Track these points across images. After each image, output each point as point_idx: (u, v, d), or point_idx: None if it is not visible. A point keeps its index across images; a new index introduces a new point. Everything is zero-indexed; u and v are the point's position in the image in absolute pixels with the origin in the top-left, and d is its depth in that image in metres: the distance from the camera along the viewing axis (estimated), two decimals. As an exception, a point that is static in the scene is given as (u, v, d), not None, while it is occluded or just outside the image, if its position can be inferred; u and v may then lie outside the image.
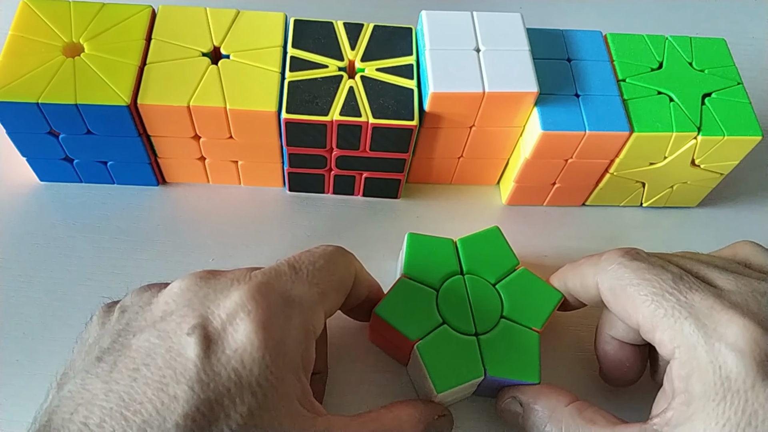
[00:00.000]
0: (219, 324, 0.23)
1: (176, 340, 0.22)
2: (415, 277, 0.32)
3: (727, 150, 0.37)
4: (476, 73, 0.34)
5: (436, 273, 0.32)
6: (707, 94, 0.37)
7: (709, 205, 0.43)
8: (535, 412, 0.29)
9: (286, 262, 0.27)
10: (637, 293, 0.27)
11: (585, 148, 0.36)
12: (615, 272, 0.28)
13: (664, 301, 0.26)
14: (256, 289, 0.24)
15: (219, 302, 0.24)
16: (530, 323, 0.31)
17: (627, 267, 0.28)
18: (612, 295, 0.28)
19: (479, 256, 0.33)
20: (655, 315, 0.26)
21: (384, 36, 0.37)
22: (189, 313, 0.23)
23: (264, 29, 0.36)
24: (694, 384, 0.25)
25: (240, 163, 0.38)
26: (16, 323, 0.35)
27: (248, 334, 0.22)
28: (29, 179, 0.39)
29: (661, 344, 0.27)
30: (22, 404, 0.32)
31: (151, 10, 0.37)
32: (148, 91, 0.34)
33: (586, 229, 0.41)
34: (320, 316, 0.26)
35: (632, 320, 0.28)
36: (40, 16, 0.36)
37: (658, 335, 0.26)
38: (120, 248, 0.37)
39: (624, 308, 0.28)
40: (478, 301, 0.32)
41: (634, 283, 0.27)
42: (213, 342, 0.22)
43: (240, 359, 0.22)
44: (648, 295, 0.27)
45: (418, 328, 0.30)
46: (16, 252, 0.37)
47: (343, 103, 0.34)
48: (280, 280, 0.25)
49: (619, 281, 0.28)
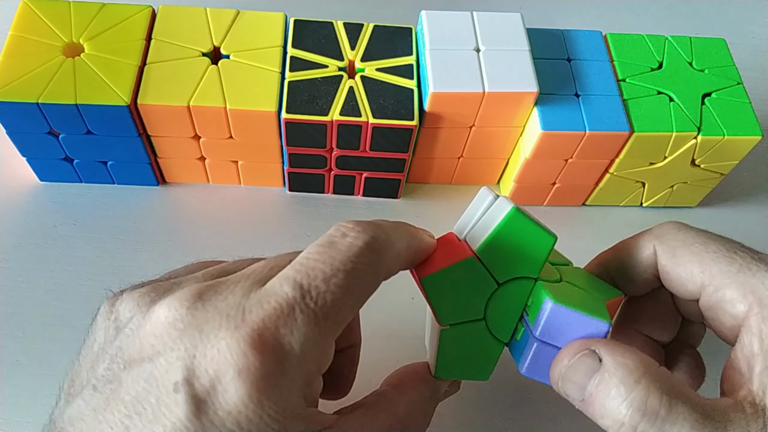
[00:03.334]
0: (207, 381, 0.20)
1: (164, 392, 0.20)
2: (485, 262, 0.25)
3: (727, 150, 0.37)
4: (476, 73, 0.34)
5: (513, 267, 0.25)
6: (707, 94, 0.37)
7: (709, 205, 0.43)
8: (624, 368, 0.22)
9: (293, 279, 0.22)
10: (704, 250, 0.25)
11: (585, 148, 0.36)
12: (676, 233, 0.26)
13: (737, 257, 0.24)
14: (247, 342, 0.20)
15: (206, 351, 0.21)
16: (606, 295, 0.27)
17: (689, 230, 0.26)
18: (671, 256, 0.26)
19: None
20: (727, 271, 0.24)
21: (384, 36, 0.37)
22: (175, 361, 0.21)
23: (264, 29, 0.36)
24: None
25: (240, 163, 0.38)
26: (16, 323, 0.35)
27: (241, 397, 0.20)
28: (29, 179, 0.39)
29: (733, 301, 0.24)
30: (22, 404, 0.32)
31: (151, 10, 0.37)
32: (148, 91, 0.34)
33: (586, 229, 0.41)
34: (327, 352, 0.22)
35: (695, 281, 0.25)
36: (40, 16, 0.36)
37: (729, 293, 0.24)
38: (120, 248, 0.37)
39: (686, 268, 0.26)
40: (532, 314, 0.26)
41: (700, 241, 0.26)
42: (202, 402, 0.20)
43: (235, 421, 0.20)
44: (718, 251, 0.25)
45: (454, 314, 0.26)
46: (16, 252, 0.37)
47: (343, 103, 0.34)
48: (279, 320, 0.21)
49: (682, 241, 0.26)
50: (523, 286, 0.26)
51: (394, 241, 0.24)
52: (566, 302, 0.24)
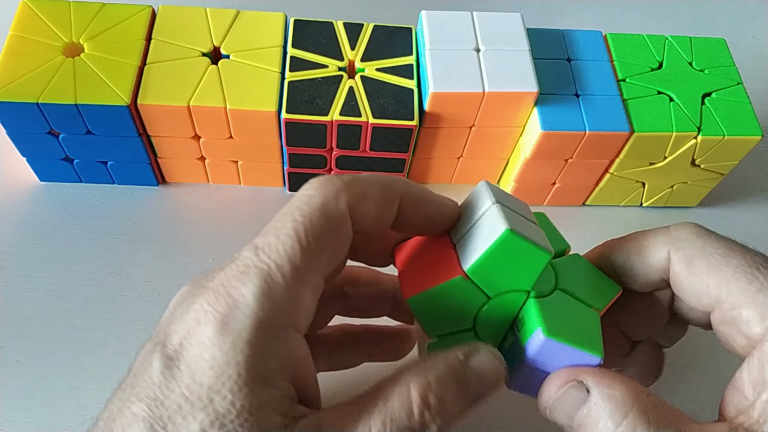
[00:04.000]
0: (177, 341, 0.21)
1: (146, 358, 0.21)
2: (477, 281, 0.24)
3: (727, 150, 0.37)
4: (476, 73, 0.34)
5: (503, 284, 0.24)
6: (707, 93, 0.37)
7: (709, 205, 0.43)
8: (612, 400, 0.22)
9: (251, 245, 0.22)
10: (725, 263, 0.23)
11: (585, 148, 0.36)
12: (695, 240, 0.25)
13: (759, 274, 0.23)
14: (206, 300, 0.21)
15: (181, 318, 0.22)
16: (590, 303, 0.26)
17: (710, 236, 0.25)
18: (688, 265, 0.24)
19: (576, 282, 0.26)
20: (747, 289, 0.23)
21: (384, 36, 0.37)
22: (158, 331, 0.22)
23: (264, 29, 0.36)
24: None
25: (240, 163, 0.38)
26: (16, 323, 0.35)
27: (199, 347, 0.20)
28: (29, 179, 0.39)
29: (750, 322, 0.23)
30: (22, 404, 0.32)
31: (151, 10, 0.37)
32: (148, 91, 0.34)
33: (586, 229, 0.41)
34: (296, 301, 0.22)
35: (711, 295, 0.24)
36: (40, 16, 0.36)
37: (747, 312, 0.23)
38: (120, 248, 0.37)
39: (702, 280, 0.24)
40: None
41: (721, 252, 0.24)
42: (171, 359, 0.21)
43: (192, 374, 0.20)
44: (739, 267, 0.23)
45: (440, 328, 0.25)
46: (16, 252, 0.37)
47: (343, 103, 0.34)
48: (232, 280, 0.21)
49: (701, 250, 0.24)
50: (515, 297, 0.25)
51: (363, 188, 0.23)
52: (559, 335, 0.23)
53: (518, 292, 0.25)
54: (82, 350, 0.34)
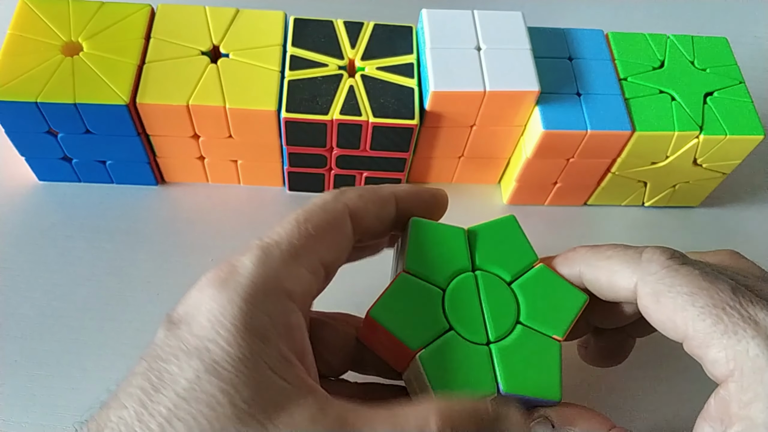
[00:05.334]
0: (182, 310, 0.22)
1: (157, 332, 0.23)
2: (418, 273, 0.27)
3: (729, 149, 0.36)
4: (477, 72, 0.34)
5: (443, 268, 0.27)
6: (709, 93, 0.37)
7: (711, 205, 0.43)
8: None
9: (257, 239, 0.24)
10: (690, 304, 0.24)
11: (586, 148, 0.36)
12: (662, 277, 0.25)
13: (724, 316, 0.23)
14: (211, 273, 0.23)
15: (188, 294, 0.23)
16: (551, 331, 0.27)
17: (678, 272, 0.25)
18: (655, 302, 0.25)
19: (493, 250, 0.29)
20: (713, 331, 0.23)
21: (384, 34, 0.37)
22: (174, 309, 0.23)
23: (264, 28, 0.36)
24: (758, 412, 0.22)
25: (240, 162, 0.38)
26: (16, 323, 0.34)
27: (199, 306, 0.22)
28: (28, 179, 0.39)
29: (716, 363, 0.23)
30: (21, 404, 0.32)
31: (150, 9, 0.37)
32: (147, 90, 0.34)
33: (588, 228, 0.41)
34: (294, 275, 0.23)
35: (678, 332, 0.25)
36: (39, 15, 0.36)
37: (713, 353, 0.23)
38: (119, 248, 0.37)
39: (670, 318, 0.25)
40: (492, 304, 0.27)
41: (687, 291, 0.24)
42: (173, 323, 0.22)
43: (190, 329, 0.21)
44: (705, 307, 0.23)
45: (420, 335, 0.26)
46: (15, 252, 0.37)
47: (344, 102, 0.34)
48: (236, 256, 0.23)
49: (668, 288, 0.24)
50: (465, 279, 0.27)
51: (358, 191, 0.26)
52: (518, 388, 0.26)
53: (465, 273, 0.28)
54: (82, 350, 0.34)
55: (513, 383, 0.26)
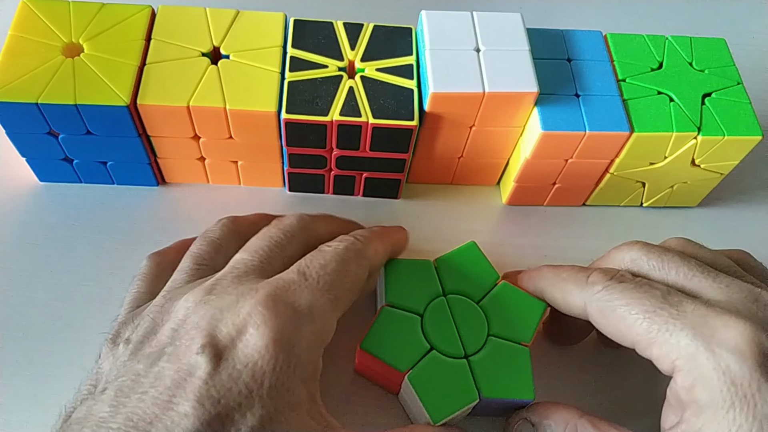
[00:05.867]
0: (228, 340, 0.23)
1: (185, 360, 0.22)
2: (397, 305, 0.31)
3: (728, 150, 0.37)
4: (476, 73, 0.34)
5: (418, 297, 0.32)
6: (707, 94, 0.37)
7: (709, 205, 0.43)
8: (548, 428, 0.29)
9: (296, 269, 0.27)
10: (628, 313, 0.27)
11: (585, 148, 0.36)
12: (603, 295, 0.28)
13: (656, 317, 0.26)
14: (263, 302, 0.24)
15: (227, 320, 0.24)
16: (519, 338, 0.31)
17: (614, 289, 0.28)
18: (603, 317, 0.28)
19: (459, 275, 0.33)
20: (649, 331, 0.26)
21: (384, 36, 0.37)
22: (197, 334, 0.23)
23: (264, 29, 0.36)
24: (699, 394, 0.24)
25: (240, 163, 0.38)
26: (16, 323, 0.35)
27: (258, 348, 0.23)
28: (29, 179, 0.39)
29: (660, 359, 0.26)
30: (22, 404, 0.32)
31: (151, 10, 0.37)
32: (148, 92, 0.34)
33: (587, 229, 0.41)
34: (332, 323, 0.26)
35: (627, 340, 0.28)
36: (40, 16, 0.36)
37: (656, 351, 0.26)
38: (120, 248, 0.37)
39: (617, 329, 0.28)
40: (464, 322, 0.31)
41: (624, 303, 0.27)
42: (222, 358, 0.22)
43: (251, 373, 0.22)
44: (639, 313, 0.27)
45: (406, 358, 0.30)
46: (16, 252, 0.37)
47: (343, 103, 0.34)
48: (289, 290, 0.25)
49: (608, 303, 0.28)
50: (438, 304, 0.32)
51: (370, 239, 0.30)
52: (494, 392, 0.29)
53: (437, 299, 0.32)
54: (82, 350, 0.34)
55: (491, 389, 0.29)
